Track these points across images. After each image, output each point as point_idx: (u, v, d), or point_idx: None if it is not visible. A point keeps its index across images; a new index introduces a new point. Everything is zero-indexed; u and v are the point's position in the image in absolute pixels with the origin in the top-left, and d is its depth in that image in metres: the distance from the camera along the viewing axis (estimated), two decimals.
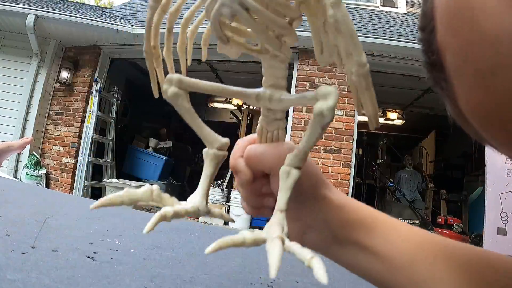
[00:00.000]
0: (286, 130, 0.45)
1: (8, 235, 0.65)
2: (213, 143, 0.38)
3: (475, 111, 0.26)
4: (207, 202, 0.37)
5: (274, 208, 0.35)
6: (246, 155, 0.41)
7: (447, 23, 0.26)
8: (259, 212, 0.43)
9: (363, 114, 0.33)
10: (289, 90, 0.43)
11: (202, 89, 0.37)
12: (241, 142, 0.43)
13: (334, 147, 5.00)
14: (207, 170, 0.38)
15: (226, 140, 0.39)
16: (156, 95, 0.40)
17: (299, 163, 0.35)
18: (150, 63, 0.39)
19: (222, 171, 5.57)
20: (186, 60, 0.43)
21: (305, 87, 5.16)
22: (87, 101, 5.84)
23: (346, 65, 0.31)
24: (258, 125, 0.42)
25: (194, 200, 0.36)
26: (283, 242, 0.30)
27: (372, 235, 0.42)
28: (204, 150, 0.38)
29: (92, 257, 0.60)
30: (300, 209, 0.42)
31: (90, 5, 6.87)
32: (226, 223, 4.57)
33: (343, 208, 0.43)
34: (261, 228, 0.32)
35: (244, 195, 0.44)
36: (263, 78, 0.37)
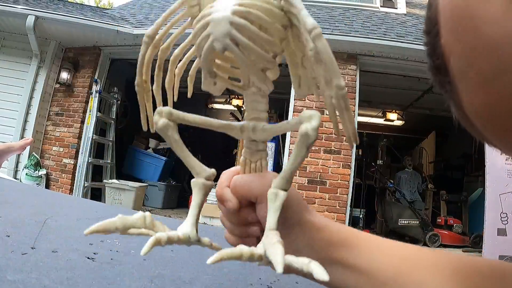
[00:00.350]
0: (267, 161, 0.46)
1: (8, 236, 0.65)
2: (200, 173, 0.40)
3: (478, 113, 0.27)
4: (197, 231, 0.38)
5: (259, 236, 0.39)
6: (233, 185, 0.42)
7: (451, 29, 0.26)
8: (244, 242, 0.43)
9: (342, 135, 0.36)
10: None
11: (190, 121, 0.39)
12: (226, 173, 0.45)
13: (334, 148, 5.00)
14: (196, 200, 0.40)
15: (212, 171, 0.41)
16: (145, 128, 0.42)
17: (286, 186, 0.37)
18: (141, 97, 0.41)
19: (221, 172, 5.54)
20: (174, 95, 0.45)
21: None
22: (87, 102, 5.84)
23: (325, 91, 0.33)
24: (242, 156, 0.43)
25: (185, 228, 0.37)
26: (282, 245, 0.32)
27: (355, 253, 0.43)
28: (192, 180, 0.40)
29: (92, 258, 0.60)
30: (287, 235, 0.42)
31: (90, 6, 6.88)
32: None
33: (325, 229, 0.44)
34: None
35: (228, 226, 0.45)
36: (245, 113, 0.40)
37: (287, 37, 0.36)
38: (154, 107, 0.41)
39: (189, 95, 0.45)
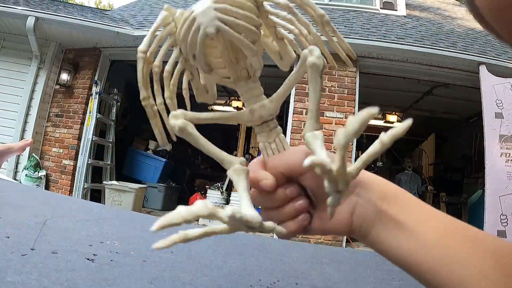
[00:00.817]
0: (283, 135, 0.45)
1: (8, 237, 0.65)
2: (233, 161, 0.40)
3: (490, 8, 0.28)
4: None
5: (308, 208, 0.42)
6: (273, 165, 0.42)
7: None
8: (298, 221, 0.43)
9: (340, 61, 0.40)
10: (288, 97, 0.46)
11: (203, 119, 0.41)
12: (253, 163, 0.44)
13: (334, 149, 4.99)
14: (243, 184, 0.39)
15: (242, 158, 0.41)
16: (162, 143, 0.43)
17: (317, 125, 0.39)
18: (150, 112, 0.42)
19: (221, 173, 5.57)
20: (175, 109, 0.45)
21: (305, 90, 5.16)
22: (87, 103, 5.84)
23: (311, 32, 0.38)
24: (260, 144, 0.44)
25: (250, 211, 0.36)
26: None
27: (405, 211, 0.43)
28: (230, 170, 0.40)
29: (92, 259, 0.60)
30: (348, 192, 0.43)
31: (90, 7, 6.88)
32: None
33: (376, 182, 0.44)
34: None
35: (275, 216, 0.43)
36: (245, 104, 0.42)
37: (260, 15, 0.39)
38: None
39: (188, 108, 0.44)
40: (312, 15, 0.39)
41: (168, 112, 0.41)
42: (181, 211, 0.33)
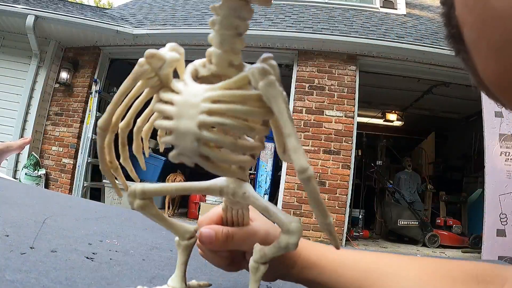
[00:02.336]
0: (248, 209, 0.46)
1: (7, 236, 0.65)
2: (184, 234, 0.43)
3: (492, 79, 0.29)
4: (186, 284, 0.44)
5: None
6: (224, 242, 0.45)
7: (463, 1, 0.28)
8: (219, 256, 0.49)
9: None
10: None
11: (166, 192, 0.41)
12: (207, 218, 0.47)
13: (334, 148, 5.00)
14: (182, 259, 0.43)
15: (195, 227, 0.45)
16: (120, 195, 0.45)
17: (265, 260, 0.39)
18: (111, 179, 0.42)
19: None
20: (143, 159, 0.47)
21: (304, 88, 5.16)
22: (86, 102, 5.84)
23: None
24: (223, 204, 0.45)
25: (176, 284, 0.43)
26: None
27: (324, 273, 0.49)
28: (176, 240, 0.44)
29: (91, 258, 0.60)
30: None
31: (90, 5, 6.88)
32: None
33: (300, 257, 0.50)
34: None
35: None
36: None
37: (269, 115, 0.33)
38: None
39: (161, 150, 0.44)
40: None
41: None
42: None
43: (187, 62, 0.36)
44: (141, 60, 0.33)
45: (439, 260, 0.50)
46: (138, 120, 0.41)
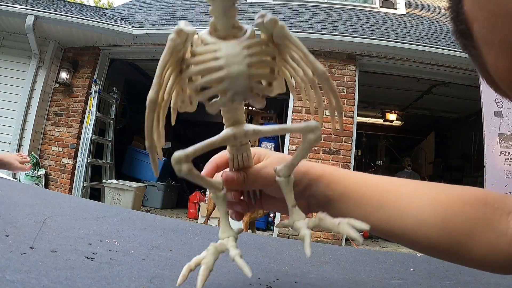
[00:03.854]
0: (250, 149, 0.49)
1: (7, 236, 0.65)
2: (219, 186, 0.48)
3: (502, 75, 0.29)
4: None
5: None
6: (240, 185, 0.51)
7: None
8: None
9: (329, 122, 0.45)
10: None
11: (200, 151, 0.44)
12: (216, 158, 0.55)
13: (333, 148, 5.00)
14: (223, 209, 0.48)
15: (220, 180, 0.49)
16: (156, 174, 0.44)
17: (290, 172, 0.46)
18: (153, 153, 0.43)
19: None
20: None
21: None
22: (86, 102, 5.84)
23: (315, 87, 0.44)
24: (229, 153, 0.51)
25: (229, 233, 0.47)
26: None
27: (352, 203, 0.52)
28: (212, 195, 0.48)
29: (91, 258, 0.60)
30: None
31: (89, 5, 6.87)
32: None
33: (323, 174, 0.53)
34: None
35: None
36: (225, 123, 0.46)
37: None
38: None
39: (172, 123, 0.48)
40: (313, 71, 0.41)
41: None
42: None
43: None
44: (171, 35, 0.38)
45: (453, 186, 0.52)
46: (172, 99, 0.44)
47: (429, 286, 0.75)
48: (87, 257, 0.60)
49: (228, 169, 0.52)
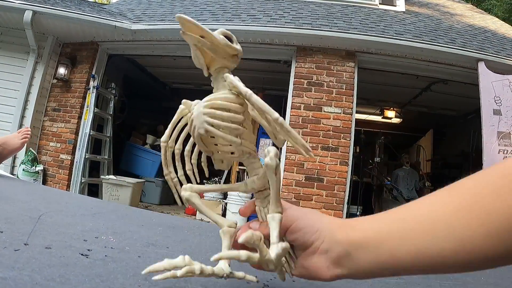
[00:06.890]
0: None
1: (1, 232, 0.64)
2: (224, 223, 0.52)
3: None
4: (229, 265, 0.51)
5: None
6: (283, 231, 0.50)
7: None
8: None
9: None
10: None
11: (205, 190, 0.56)
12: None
13: (332, 145, 5.00)
14: (226, 243, 0.51)
15: (234, 220, 0.54)
16: (179, 203, 0.56)
17: (277, 209, 0.48)
18: (170, 182, 0.59)
19: (219, 169, 5.54)
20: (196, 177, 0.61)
21: (303, 85, 5.15)
22: (84, 98, 5.83)
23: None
24: (256, 207, 0.54)
25: (223, 266, 0.49)
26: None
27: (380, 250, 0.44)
28: (220, 230, 0.52)
29: (86, 255, 0.60)
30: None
31: (88, 1, 6.82)
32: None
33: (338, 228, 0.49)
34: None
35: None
36: (248, 173, 0.54)
37: (245, 109, 0.51)
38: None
39: (206, 174, 0.60)
40: (269, 119, 0.46)
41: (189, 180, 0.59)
42: (164, 262, 0.45)
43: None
44: (181, 105, 0.57)
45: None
46: (187, 145, 0.60)
47: (427, 285, 0.75)
48: (81, 254, 0.59)
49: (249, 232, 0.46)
